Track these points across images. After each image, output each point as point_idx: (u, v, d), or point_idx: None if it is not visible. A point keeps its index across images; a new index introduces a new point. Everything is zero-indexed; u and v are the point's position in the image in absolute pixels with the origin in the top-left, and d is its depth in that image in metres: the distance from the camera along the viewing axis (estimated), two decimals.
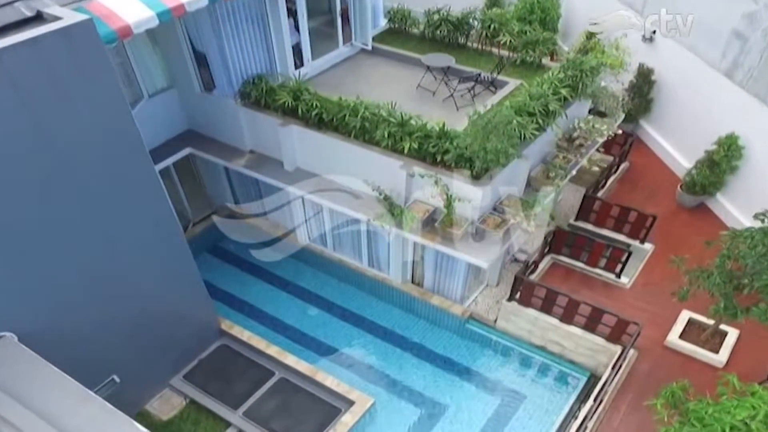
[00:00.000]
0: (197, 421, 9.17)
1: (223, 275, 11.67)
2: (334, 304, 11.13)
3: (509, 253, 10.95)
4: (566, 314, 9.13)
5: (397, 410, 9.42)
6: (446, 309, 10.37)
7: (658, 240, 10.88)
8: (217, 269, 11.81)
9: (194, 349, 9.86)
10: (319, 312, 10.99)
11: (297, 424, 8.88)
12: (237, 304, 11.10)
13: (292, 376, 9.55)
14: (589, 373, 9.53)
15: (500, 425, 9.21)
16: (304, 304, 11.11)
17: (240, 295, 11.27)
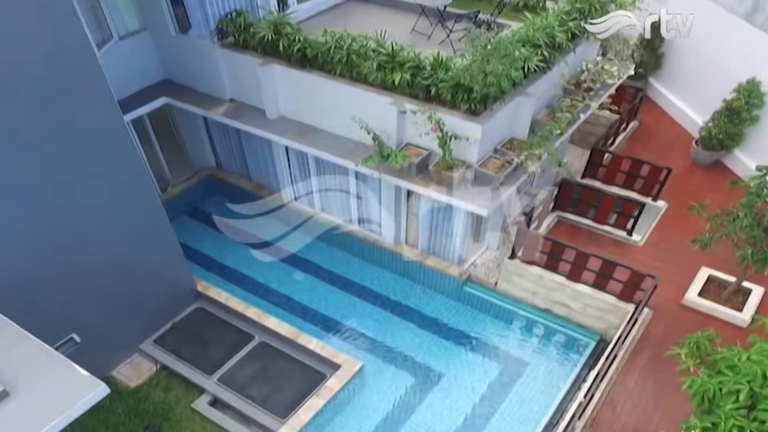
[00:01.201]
0: (168, 387, 8.35)
1: (203, 239, 10.86)
2: (322, 268, 10.30)
3: (511, 214, 10.17)
4: (574, 271, 8.31)
5: (388, 378, 8.59)
6: (442, 270, 9.54)
7: (671, 198, 10.08)
8: (197, 232, 10.98)
9: (167, 313, 9.04)
10: (306, 276, 10.15)
11: (277, 390, 8.07)
12: (217, 267, 10.26)
13: (273, 339, 8.73)
14: (598, 336, 8.71)
15: (501, 393, 8.39)
16: (289, 268, 10.29)
17: (221, 259, 10.44)
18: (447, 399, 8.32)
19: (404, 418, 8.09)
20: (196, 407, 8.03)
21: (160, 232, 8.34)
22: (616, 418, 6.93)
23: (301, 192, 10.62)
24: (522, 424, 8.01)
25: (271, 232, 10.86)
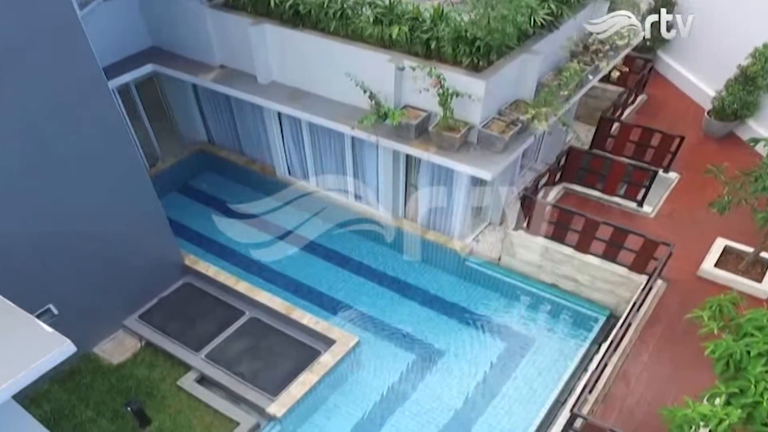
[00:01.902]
0: (153, 365, 7.89)
1: (194, 215, 10.39)
2: (317, 243, 9.85)
3: (515, 183, 9.72)
4: (582, 241, 7.86)
5: (386, 355, 8.13)
6: (443, 245, 9.08)
7: (683, 170, 9.64)
8: (188, 208, 10.53)
9: (153, 288, 8.58)
10: (300, 252, 9.74)
11: (268, 366, 7.62)
12: (207, 243, 9.80)
13: (264, 315, 8.28)
14: (608, 311, 8.26)
15: (506, 371, 7.94)
16: (283, 244, 9.86)
17: (211, 235, 9.97)
18: (449, 377, 7.86)
19: (404, 396, 7.64)
20: (181, 385, 7.57)
21: (144, 201, 7.89)
22: (630, 392, 6.48)
23: (295, 165, 10.18)
24: (528, 402, 7.56)
25: (263, 208, 10.43)
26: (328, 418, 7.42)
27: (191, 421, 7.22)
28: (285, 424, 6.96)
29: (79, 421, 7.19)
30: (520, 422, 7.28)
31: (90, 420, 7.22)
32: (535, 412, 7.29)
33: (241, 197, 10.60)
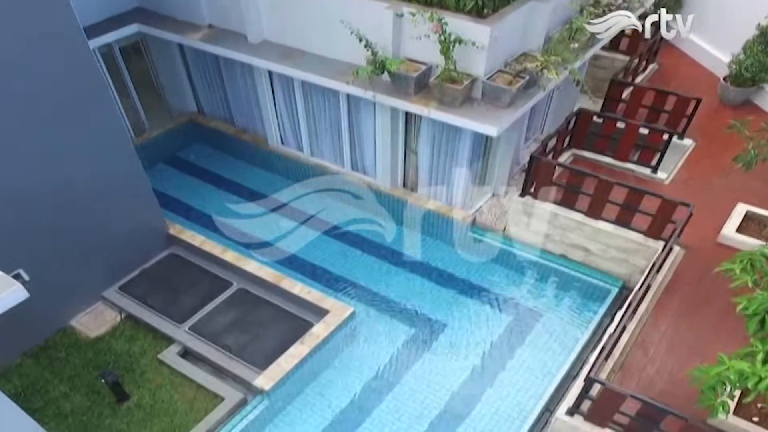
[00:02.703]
0: (133, 338, 7.36)
1: (182, 187, 9.88)
2: (311, 215, 9.32)
3: (520, 161, 9.21)
4: (594, 205, 7.32)
5: (383, 329, 7.58)
6: (445, 214, 8.55)
7: (699, 137, 9.13)
8: (175, 180, 10.02)
9: (135, 258, 8.04)
10: (293, 224, 9.15)
11: (256, 339, 7.09)
12: (195, 215, 9.25)
13: (253, 286, 7.75)
14: (621, 282, 7.72)
15: (512, 345, 7.40)
16: (275, 215, 9.34)
17: (200, 207, 9.42)
18: (451, 351, 7.33)
19: (402, 372, 7.10)
20: (163, 359, 7.03)
21: (127, 167, 7.36)
22: (649, 361, 5.96)
23: (288, 134, 9.65)
24: (537, 377, 7.03)
25: (254, 180, 9.92)
26: (320, 394, 6.89)
27: (173, 396, 6.69)
28: (273, 399, 6.43)
29: (51, 397, 6.66)
30: (528, 397, 6.75)
31: (63, 395, 6.69)
32: (545, 387, 6.77)
33: (232, 169, 10.09)
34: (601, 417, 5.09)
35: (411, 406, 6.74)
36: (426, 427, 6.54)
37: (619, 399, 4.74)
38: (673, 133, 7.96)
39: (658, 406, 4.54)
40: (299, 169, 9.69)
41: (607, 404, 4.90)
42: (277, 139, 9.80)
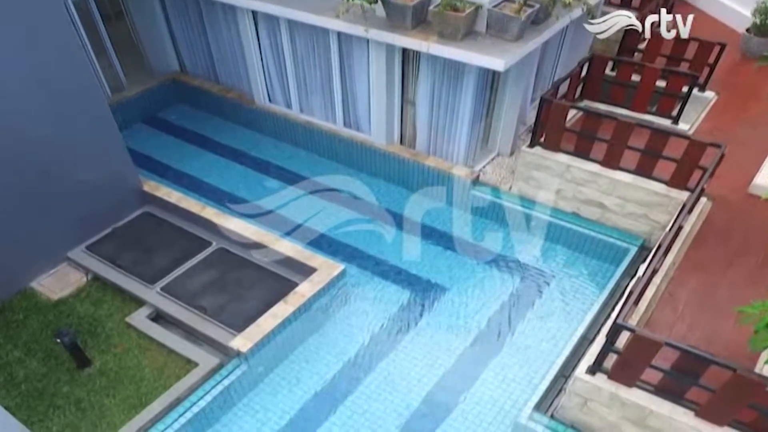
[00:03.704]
0: (99, 301, 6.64)
1: (161, 146, 9.19)
2: (300, 175, 8.60)
3: (526, 122, 8.49)
4: (611, 152, 6.53)
5: (377, 292, 6.85)
6: (446, 171, 7.83)
7: (720, 90, 8.42)
8: (154, 139, 9.33)
9: (106, 217, 7.30)
10: (280, 184, 8.46)
11: (235, 300, 6.37)
12: (174, 175, 8.54)
13: (234, 245, 7.01)
14: (640, 240, 6.99)
15: (520, 309, 6.69)
16: (260, 175, 8.61)
17: (180, 167, 8.71)
18: (451, 316, 6.61)
19: (399, 337, 6.37)
20: (131, 322, 6.30)
21: (96, 120, 6.65)
22: (679, 318, 5.23)
23: (276, 90, 8.92)
24: (548, 342, 6.30)
25: (239, 139, 9.21)
26: (306, 362, 6.16)
27: (140, 361, 5.97)
28: (253, 363, 5.70)
29: (3, 362, 5.92)
30: (540, 363, 6.03)
31: (17, 361, 5.95)
32: (558, 353, 6.04)
33: (216, 129, 9.38)
34: (629, 374, 4.37)
35: (407, 374, 6.02)
36: (424, 395, 5.82)
37: (652, 349, 4.02)
38: (696, 77, 7.24)
39: (701, 356, 3.83)
40: (288, 127, 8.96)
41: (637, 357, 4.18)
42: (264, 96, 9.08)
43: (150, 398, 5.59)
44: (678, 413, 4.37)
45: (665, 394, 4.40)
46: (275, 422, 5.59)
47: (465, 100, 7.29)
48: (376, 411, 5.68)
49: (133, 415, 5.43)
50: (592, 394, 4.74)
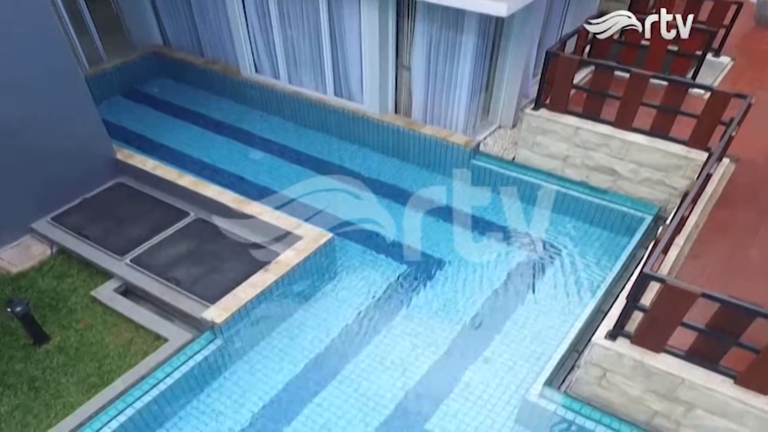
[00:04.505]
0: (64, 274, 6.03)
1: (139, 118, 8.63)
2: (288, 147, 8.00)
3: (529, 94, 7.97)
4: (625, 110, 6.00)
5: (370, 266, 6.25)
6: (443, 139, 7.28)
7: (736, 55, 7.93)
8: (132, 112, 8.79)
9: (75, 187, 6.69)
10: (266, 156, 7.87)
11: (212, 272, 5.75)
12: (152, 147, 7.93)
13: (213, 215, 6.44)
14: (656, 208, 6.41)
15: (525, 283, 6.09)
16: (245, 147, 8.05)
17: (160, 139, 8.14)
18: (450, 291, 6.00)
19: (392, 312, 5.75)
20: (96, 295, 5.69)
21: (64, 75, 6.07)
22: (707, 281, 4.66)
23: (263, 60, 8.38)
24: (558, 317, 5.71)
25: (223, 112, 8.66)
26: (291, 338, 5.54)
27: (104, 338, 5.35)
28: (229, 338, 5.08)
29: None
30: (549, 339, 5.43)
31: None
32: (569, 327, 5.45)
33: (200, 102, 8.83)
34: (657, 335, 3.78)
35: (403, 351, 5.40)
36: (421, 374, 5.19)
37: (686, 302, 3.44)
38: (713, 33, 6.73)
39: (746, 307, 3.26)
40: (275, 99, 8.40)
41: (667, 313, 3.61)
42: (251, 67, 8.54)
43: (113, 377, 4.97)
44: (714, 381, 3.78)
45: (699, 360, 3.82)
46: (254, 403, 4.97)
47: (464, 62, 6.76)
48: (368, 391, 5.07)
49: (92, 395, 4.81)
50: (613, 364, 4.16)
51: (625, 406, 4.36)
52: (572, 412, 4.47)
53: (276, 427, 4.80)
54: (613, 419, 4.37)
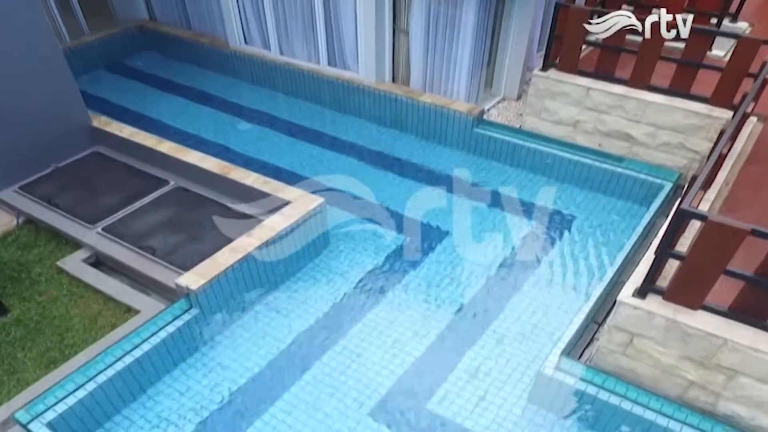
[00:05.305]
0: (29, 245, 5.50)
1: (121, 90, 8.21)
2: (279, 118, 7.53)
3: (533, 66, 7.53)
4: (641, 67, 5.55)
5: (365, 236, 5.73)
6: (445, 107, 6.81)
7: (755, 21, 7.51)
8: (114, 84, 8.38)
9: (45, 156, 6.15)
10: (254, 127, 7.38)
11: (191, 241, 5.21)
12: (133, 117, 7.37)
13: (194, 184, 5.91)
14: (676, 174, 5.91)
15: (536, 253, 5.58)
16: (232, 118, 7.54)
17: (141, 110, 7.67)
18: (453, 264, 5.48)
19: (389, 285, 5.20)
20: (63, 266, 5.18)
21: (34, 34, 5.58)
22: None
23: (252, 30, 7.92)
24: (572, 289, 5.19)
25: (211, 84, 8.19)
26: (277, 311, 5.00)
27: (69, 310, 4.82)
28: (207, 307, 4.56)
29: None
30: (564, 312, 4.91)
31: None
32: (585, 298, 4.96)
33: (186, 74, 8.39)
34: (695, 287, 3.25)
35: (401, 326, 4.85)
36: (422, 351, 4.62)
37: (732, 242, 2.94)
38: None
39: None
40: (266, 70, 7.94)
41: (709, 259, 3.10)
42: (240, 38, 8.08)
43: (76, 351, 4.46)
44: (763, 341, 3.27)
45: (744, 317, 3.30)
46: (234, 381, 4.41)
47: (466, 21, 6.31)
48: (362, 368, 4.53)
49: (51, 371, 4.30)
50: (642, 326, 3.63)
51: (654, 378, 3.83)
52: (593, 386, 3.91)
53: (258, 407, 4.25)
54: (641, 393, 3.83)
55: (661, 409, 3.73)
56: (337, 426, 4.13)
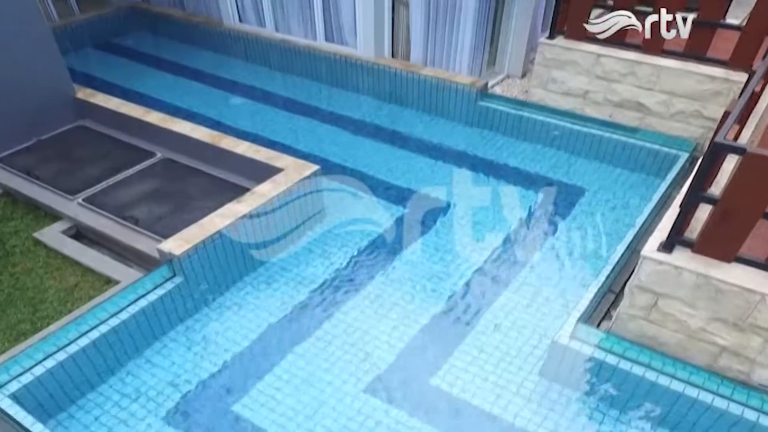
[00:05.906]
0: (6, 218, 5.12)
1: (110, 67, 8.01)
2: (274, 93, 7.24)
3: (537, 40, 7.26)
4: (654, 32, 5.30)
5: (363, 207, 5.41)
6: (447, 80, 6.51)
7: None
8: (103, 61, 8.19)
9: (26, 128, 5.83)
10: (247, 102, 7.09)
11: (178, 211, 4.89)
12: (122, 93, 6.99)
13: (182, 155, 5.58)
14: (692, 145, 5.60)
15: (545, 226, 5.21)
16: (224, 93, 7.25)
17: (129, 86, 7.39)
18: (457, 235, 5.20)
19: (389, 257, 4.86)
20: (40, 237, 4.86)
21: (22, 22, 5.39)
22: None
23: (247, 7, 7.65)
24: (586, 260, 4.88)
25: (203, 61, 7.93)
26: (267, 283, 4.66)
27: (44, 282, 4.48)
28: (192, 276, 4.14)
29: None
30: (577, 284, 4.58)
31: None
32: (599, 268, 4.60)
33: (178, 53, 8.12)
34: (731, 236, 2.92)
35: (402, 299, 4.49)
36: (424, 323, 4.26)
37: None
38: None
39: None
40: (261, 48, 7.66)
41: (748, 200, 2.77)
42: (234, 17, 7.82)
43: (49, 323, 4.13)
44: None
45: None
46: (220, 355, 4.07)
47: None
48: (359, 342, 4.19)
49: (20, 342, 3.96)
50: (668, 284, 3.29)
51: (681, 345, 3.48)
52: (613, 354, 3.56)
53: (246, 383, 3.90)
54: (666, 362, 3.49)
55: (689, 379, 3.36)
56: (331, 402, 3.78)
